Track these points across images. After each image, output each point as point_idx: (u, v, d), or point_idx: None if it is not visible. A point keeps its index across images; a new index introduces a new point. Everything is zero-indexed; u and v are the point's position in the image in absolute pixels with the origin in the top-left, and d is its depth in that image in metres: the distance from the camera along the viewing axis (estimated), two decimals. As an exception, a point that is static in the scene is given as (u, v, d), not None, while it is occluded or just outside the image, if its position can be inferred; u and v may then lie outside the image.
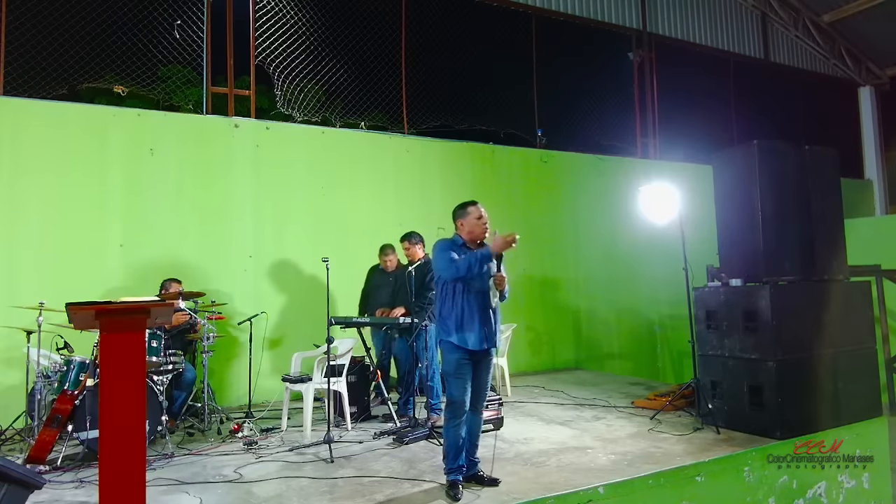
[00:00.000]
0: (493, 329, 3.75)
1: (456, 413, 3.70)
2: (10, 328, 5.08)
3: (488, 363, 3.85)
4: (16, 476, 3.35)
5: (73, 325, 2.84)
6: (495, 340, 3.78)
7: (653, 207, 5.95)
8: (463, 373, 3.71)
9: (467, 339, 3.68)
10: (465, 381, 3.72)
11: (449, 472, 3.72)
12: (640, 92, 10.21)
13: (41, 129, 6.03)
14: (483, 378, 3.84)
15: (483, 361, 3.81)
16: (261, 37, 7.20)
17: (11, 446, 4.87)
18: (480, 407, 3.87)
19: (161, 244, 6.29)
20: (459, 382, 3.71)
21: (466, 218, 3.91)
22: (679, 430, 4.89)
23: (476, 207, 3.93)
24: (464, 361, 3.71)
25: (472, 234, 3.87)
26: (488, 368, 3.87)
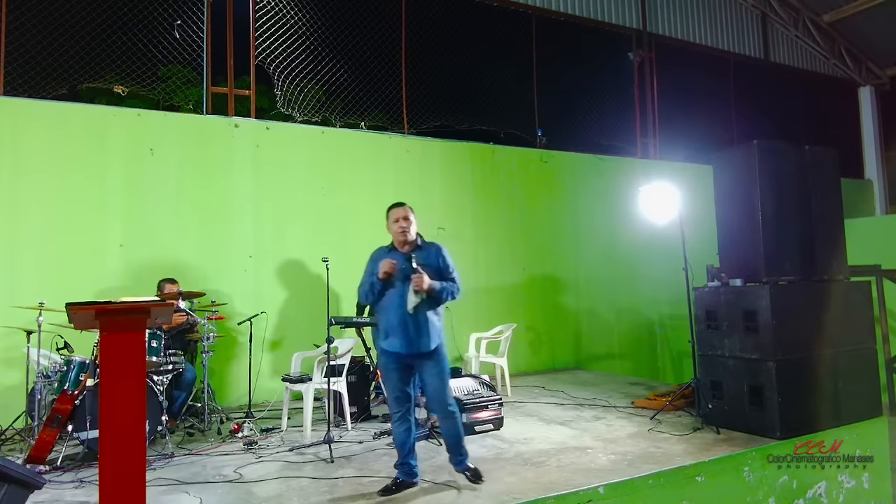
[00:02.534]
0: (415, 333, 3.66)
1: (392, 411, 3.78)
2: (10, 328, 5.08)
3: (431, 368, 3.73)
4: (16, 476, 3.36)
5: (74, 325, 2.85)
6: (422, 344, 3.67)
7: (653, 207, 5.95)
8: (389, 376, 3.75)
9: (391, 343, 3.70)
10: (391, 383, 3.74)
11: (395, 467, 3.80)
12: (640, 92, 10.21)
13: (41, 129, 6.03)
14: (430, 383, 3.75)
15: (420, 365, 3.74)
16: (261, 37, 7.20)
17: (11, 446, 4.87)
18: (444, 410, 3.79)
19: (161, 244, 6.29)
20: (387, 385, 3.81)
21: (388, 221, 3.87)
22: (679, 430, 4.89)
23: (396, 209, 3.85)
24: (390, 365, 3.72)
25: (393, 237, 3.84)
26: (435, 373, 3.74)
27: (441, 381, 3.76)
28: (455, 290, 3.80)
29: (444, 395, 3.77)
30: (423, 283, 3.59)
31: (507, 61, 9.20)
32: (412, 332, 3.65)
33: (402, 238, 3.78)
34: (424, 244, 3.85)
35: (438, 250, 3.87)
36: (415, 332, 3.65)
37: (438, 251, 3.86)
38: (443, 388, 3.77)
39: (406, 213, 3.81)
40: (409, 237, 3.78)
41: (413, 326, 3.66)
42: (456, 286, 3.81)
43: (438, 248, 3.88)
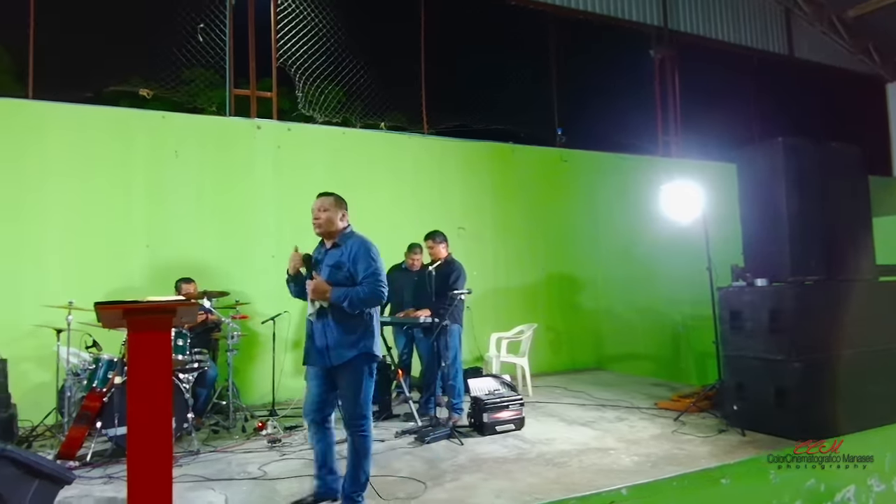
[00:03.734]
0: (324, 343, 3.26)
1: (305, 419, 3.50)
2: (40, 327, 5.19)
3: (343, 379, 3.28)
4: (47, 471, 3.44)
5: (102, 324, 2.89)
6: (330, 356, 3.25)
7: (675, 206, 5.89)
8: (307, 380, 3.43)
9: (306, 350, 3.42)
10: (307, 389, 3.42)
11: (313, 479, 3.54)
12: (661, 89, 10.11)
13: (68, 131, 6.16)
14: (342, 394, 3.32)
15: (335, 375, 3.31)
16: (282, 39, 7.27)
17: (42, 442, 4.97)
18: (351, 426, 3.29)
19: (185, 245, 6.38)
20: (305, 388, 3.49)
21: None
22: (703, 432, 4.83)
23: (315, 200, 3.49)
24: (308, 371, 3.43)
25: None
26: (346, 384, 3.28)
27: (353, 395, 3.26)
28: (367, 295, 3.25)
29: (353, 411, 3.26)
30: (314, 290, 3.23)
31: (526, 60, 9.17)
32: (320, 341, 3.27)
33: (316, 232, 3.41)
34: (344, 240, 3.37)
35: (355, 247, 3.34)
36: (318, 344, 3.28)
37: (354, 248, 3.34)
38: (353, 402, 3.26)
39: (322, 204, 3.39)
40: (319, 231, 3.40)
41: (321, 336, 3.27)
42: (370, 289, 3.25)
43: (354, 245, 3.35)
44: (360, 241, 3.38)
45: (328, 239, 3.42)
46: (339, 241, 3.37)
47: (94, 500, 3.69)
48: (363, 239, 3.40)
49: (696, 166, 9.33)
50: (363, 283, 3.27)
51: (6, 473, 3.22)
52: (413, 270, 6.09)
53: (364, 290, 3.25)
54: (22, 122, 6.02)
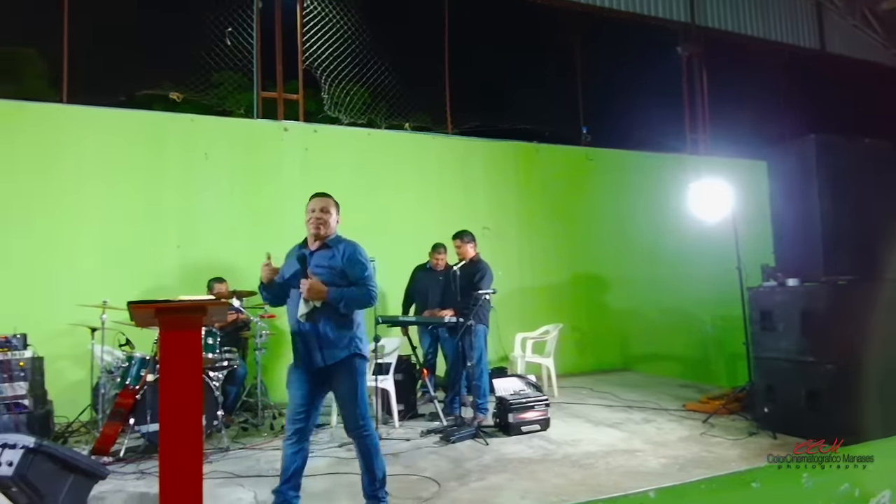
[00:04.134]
0: (314, 344, 3.17)
1: (286, 427, 3.27)
2: (76, 326, 5.33)
3: (340, 381, 3.22)
4: (82, 467, 3.54)
5: (134, 322, 2.94)
6: (321, 356, 3.17)
7: (703, 205, 5.79)
8: (290, 387, 3.30)
9: (293, 355, 3.28)
10: (291, 396, 3.28)
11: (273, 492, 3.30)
12: (688, 86, 9.96)
13: (102, 135, 6.33)
14: (339, 396, 3.27)
15: (329, 378, 3.23)
16: (308, 42, 7.35)
17: (78, 438, 5.12)
18: (352, 432, 3.23)
19: (215, 245, 6.50)
20: (288, 395, 3.34)
21: (306, 212, 3.38)
22: (733, 435, 4.75)
23: (314, 200, 3.38)
24: (291, 377, 3.29)
25: (307, 230, 3.37)
26: (344, 387, 3.22)
27: (351, 396, 3.20)
28: (362, 296, 3.22)
29: (353, 413, 3.20)
30: (309, 289, 3.12)
31: (551, 59, 9.15)
32: (310, 343, 3.18)
33: (314, 231, 3.29)
34: (335, 243, 3.32)
35: (346, 250, 3.30)
36: (309, 345, 3.18)
37: (347, 251, 3.30)
38: (353, 404, 3.21)
39: (325, 205, 3.34)
40: (322, 233, 3.29)
41: (307, 339, 3.18)
42: (364, 291, 3.23)
43: (347, 248, 3.31)
44: (352, 244, 3.36)
45: (318, 240, 3.31)
46: (331, 243, 3.32)
47: (126, 496, 3.78)
48: (355, 242, 3.39)
49: (724, 164, 9.16)
50: (359, 285, 3.25)
51: (43, 468, 3.32)
52: (438, 270, 6.10)
53: (360, 291, 3.23)
54: (57, 126, 6.20)
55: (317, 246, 3.30)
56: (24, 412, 4.67)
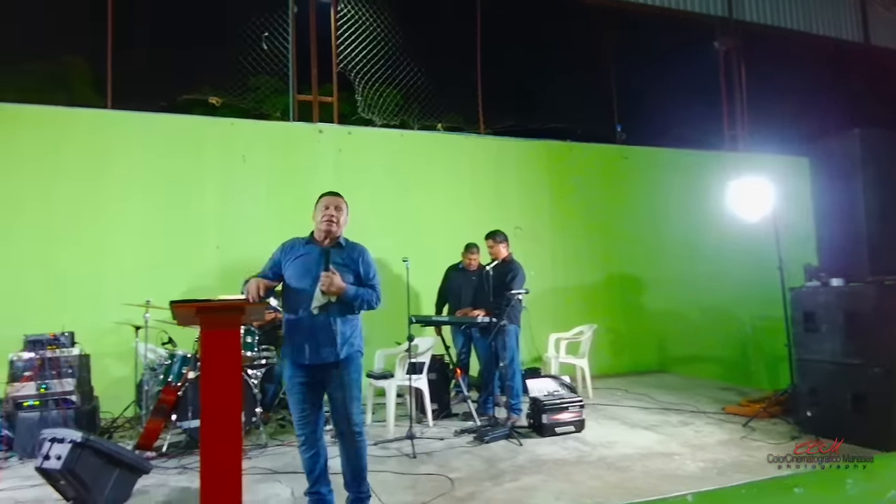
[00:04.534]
0: (320, 340, 3.17)
1: (297, 432, 3.28)
2: (121, 324, 5.51)
3: (339, 379, 3.21)
4: (126, 461, 3.66)
5: (177, 321, 3.03)
6: (327, 353, 3.17)
7: (743, 203, 5.66)
8: (292, 391, 3.26)
9: (293, 351, 3.23)
10: (296, 399, 3.25)
11: (305, 495, 3.37)
12: (726, 82, 9.74)
13: (145, 139, 6.53)
14: (336, 395, 3.22)
15: (326, 377, 3.22)
16: (342, 45, 7.45)
17: (123, 433, 5.28)
18: (347, 429, 3.22)
19: (252, 245, 6.61)
20: (291, 400, 3.30)
21: (315, 209, 3.41)
22: (774, 439, 4.63)
23: (328, 197, 3.40)
24: (295, 379, 3.24)
25: (316, 226, 3.37)
26: (339, 384, 3.21)
27: (344, 394, 3.21)
28: (373, 298, 3.30)
29: (347, 411, 3.20)
30: (331, 283, 3.13)
31: (584, 56, 9.04)
32: (316, 339, 3.18)
33: (326, 228, 3.28)
34: (348, 244, 3.39)
35: (361, 252, 3.39)
36: (319, 339, 3.18)
37: (361, 253, 3.38)
38: (347, 402, 3.21)
39: (339, 203, 3.37)
40: (335, 230, 3.31)
41: (317, 333, 3.18)
42: (375, 294, 3.32)
43: (362, 251, 3.40)
44: (360, 246, 3.43)
45: (329, 239, 3.32)
46: (343, 242, 3.37)
47: (169, 490, 3.88)
48: (361, 245, 3.45)
49: (764, 161, 8.93)
50: (371, 286, 3.34)
51: (90, 462, 3.45)
52: (471, 270, 6.11)
53: (374, 293, 3.32)
54: (103, 131, 6.42)
55: (327, 244, 3.31)
56: (72, 408, 4.81)
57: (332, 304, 3.19)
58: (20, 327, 5.14)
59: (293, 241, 3.43)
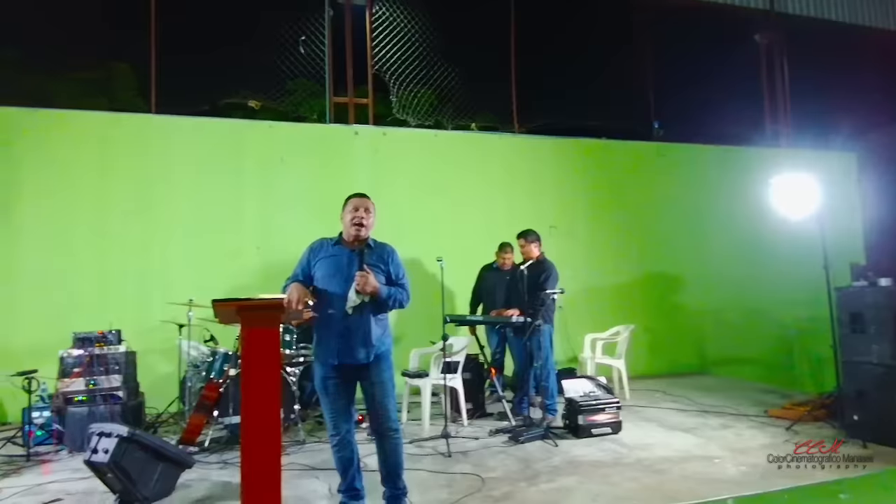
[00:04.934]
0: (354, 342, 3.19)
1: (331, 432, 3.31)
2: (165, 322, 5.68)
3: (372, 377, 3.26)
4: (170, 455, 3.76)
5: (218, 319, 3.10)
6: (361, 354, 3.20)
7: (786, 200, 5.50)
8: (327, 391, 3.28)
9: (326, 352, 3.25)
10: (329, 399, 3.28)
11: (339, 492, 3.41)
12: (768, 76, 9.48)
13: (188, 143, 6.73)
14: (372, 393, 3.27)
15: (359, 377, 3.28)
16: (377, 47, 7.53)
17: (167, 429, 5.44)
18: (384, 429, 3.27)
19: (291, 245, 6.66)
20: (324, 400, 3.34)
21: (343, 211, 3.40)
22: (820, 443, 4.49)
23: (357, 199, 3.39)
24: (328, 380, 3.26)
25: (345, 228, 3.37)
26: (375, 383, 3.26)
27: (382, 393, 3.27)
28: (404, 297, 3.35)
29: (384, 409, 3.26)
30: (367, 283, 3.15)
31: (620, 52, 8.91)
32: (350, 340, 3.20)
33: (355, 232, 3.29)
34: (377, 245, 3.40)
35: (390, 253, 3.42)
36: (353, 340, 3.20)
37: (390, 254, 3.41)
38: (383, 400, 3.27)
39: (367, 205, 3.36)
40: (363, 233, 3.31)
41: (351, 334, 3.20)
42: (405, 294, 3.36)
43: (391, 251, 3.43)
44: (389, 246, 3.45)
45: (358, 242, 3.32)
46: (372, 243, 3.38)
47: (210, 484, 3.97)
48: (390, 245, 3.47)
49: (808, 157, 8.67)
50: (401, 285, 3.38)
51: (136, 456, 3.56)
52: (504, 270, 6.10)
53: (404, 293, 3.37)
54: (147, 135, 6.64)
55: (357, 245, 3.31)
56: (119, 403, 4.97)
57: (366, 304, 3.21)
58: (70, 325, 5.34)
59: (321, 242, 3.45)
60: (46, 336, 5.68)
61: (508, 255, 6.11)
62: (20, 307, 6.04)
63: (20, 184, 6.19)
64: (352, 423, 3.37)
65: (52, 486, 3.95)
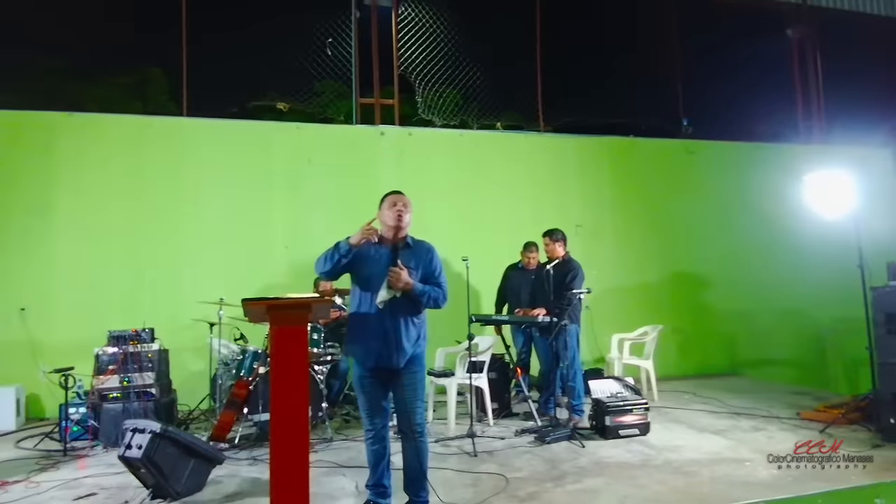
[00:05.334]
0: (387, 343, 3.17)
1: (366, 426, 3.34)
2: (197, 321, 5.79)
3: (402, 379, 3.23)
4: (202, 451, 3.83)
5: (248, 318, 3.16)
6: (394, 358, 3.18)
7: (821, 198, 5.38)
8: (362, 389, 3.30)
9: (360, 351, 3.26)
10: (366, 397, 3.30)
11: (367, 487, 3.44)
12: (800, 71, 9.27)
13: (218, 145, 6.86)
14: (401, 395, 3.25)
15: (394, 380, 3.25)
16: (402, 48, 7.56)
17: (198, 425, 5.55)
18: (410, 429, 3.26)
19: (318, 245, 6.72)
20: (360, 399, 3.35)
21: (381, 209, 3.37)
22: (854, 447, 4.37)
23: (395, 195, 3.38)
24: (364, 379, 3.27)
25: (384, 223, 3.32)
26: (406, 384, 3.24)
27: (412, 394, 3.24)
28: (440, 296, 3.30)
29: (412, 410, 3.24)
30: (400, 278, 3.12)
31: (647, 48, 8.80)
32: (387, 343, 3.18)
33: (396, 223, 3.27)
34: (415, 242, 3.38)
35: (429, 251, 3.38)
36: (390, 344, 3.18)
37: (428, 251, 3.38)
38: (412, 401, 3.24)
39: (406, 201, 3.34)
40: (403, 224, 3.29)
41: (388, 337, 3.18)
42: (441, 293, 3.31)
43: (429, 248, 3.40)
44: (428, 244, 3.42)
45: (396, 239, 3.30)
46: (410, 241, 3.36)
47: (240, 480, 4.04)
48: (429, 243, 3.43)
49: (842, 153, 8.45)
50: (438, 284, 3.33)
51: (168, 452, 3.63)
52: (530, 269, 6.08)
53: (441, 291, 3.32)
54: (179, 137, 6.78)
55: (395, 244, 3.28)
56: (152, 400, 5.08)
57: (398, 299, 3.18)
58: (105, 323, 5.48)
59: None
60: (82, 334, 5.84)
61: (534, 254, 6.09)
62: (58, 305, 6.23)
63: (59, 185, 6.39)
64: (387, 418, 3.38)
65: (88, 481, 4.05)
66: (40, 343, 5.92)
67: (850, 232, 4.98)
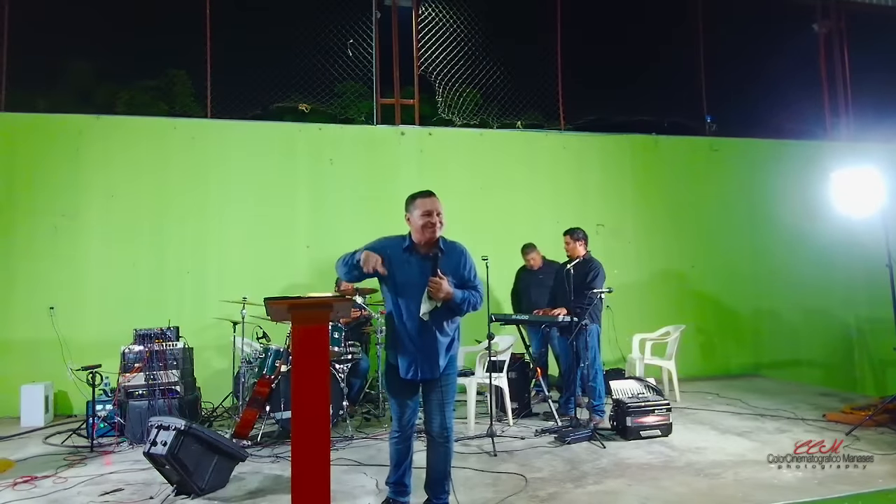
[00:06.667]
0: (425, 355, 3.13)
1: (394, 425, 3.32)
2: (220, 320, 5.88)
3: (435, 385, 3.20)
4: (225, 448, 3.88)
5: (270, 317, 3.19)
6: (428, 369, 3.14)
7: (848, 196, 5.28)
8: (393, 391, 3.29)
9: (397, 361, 3.22)
10: (397, 400, 3.28)
11: (387, 484, 3.43)
12: (827, 66, 9.09)
13: (242, 146, 6.95)
14: (432, 398, 3.22)
15: (428, 384, 3.22)
16: (423, 48, 7.58)
17: (221, 422, 5.63)
18: (438, 433, 3.22)
19: (339, 244, 6.79)
20: (392, 401, 3.33)
21: (412, 212, 3.19)
22: (881, 449, 4.29)
23: (427, 199, 3.18)
24: (395, 382, 3.26)
25: (416, 232, 3.17)
26: (438, 388, 3.20)
27: (440, 399, 3.21)
28: (478, 301, 3.20)
29: (442, 415, 3.21)
30: (441, 288, 3.03)
31: (670, 45, 8.69)
32: (425, 354, 3.14)
33: (429, 236, 3.13)
34: (447, 245, 3.22)
35: (461, 253, 3.25)
36: (429, 353, 3.15)
37: (461, 254, 3.25)
38: (442, 406, 3.21)
39: (439, 208, 3.17)
40: (439, 234, 3.16)
41: (428, 347, 3.14)
42: (479, 296, 3.21)
43: (462, 251, 3.26)
44: (460, 246, 3.29)
45: (429, 245, 3.17)
46: (444, 246, 3.21)
47: (262, 477, 4.08)
48: (460, 244, 3.30)
49: (871, 150, 8.27)
50: (474, 287, 3.23)
51: (192, 449, 3.69)
52: (535, 270, 6.12)
53: (478, 294, 3.23)
54: (204, 139, 6.89)
55: (427, 249, 3.18)
56: (176, 397, 5.15)
57: (440, 308, 3.12)
58: (131, 321, 5.60)
59: (391, 243, 3.27)
60: (110, 332, 5.97)
61: (533, 254, 6.16)
62: (86, 304, 6.36)
63: (88, 187, 6.53)
64: (414, 418, 3.34)
65: (113, 477, 4.13)
66: (68, 341, 6.05)
67: (878, 230, 4.88)
